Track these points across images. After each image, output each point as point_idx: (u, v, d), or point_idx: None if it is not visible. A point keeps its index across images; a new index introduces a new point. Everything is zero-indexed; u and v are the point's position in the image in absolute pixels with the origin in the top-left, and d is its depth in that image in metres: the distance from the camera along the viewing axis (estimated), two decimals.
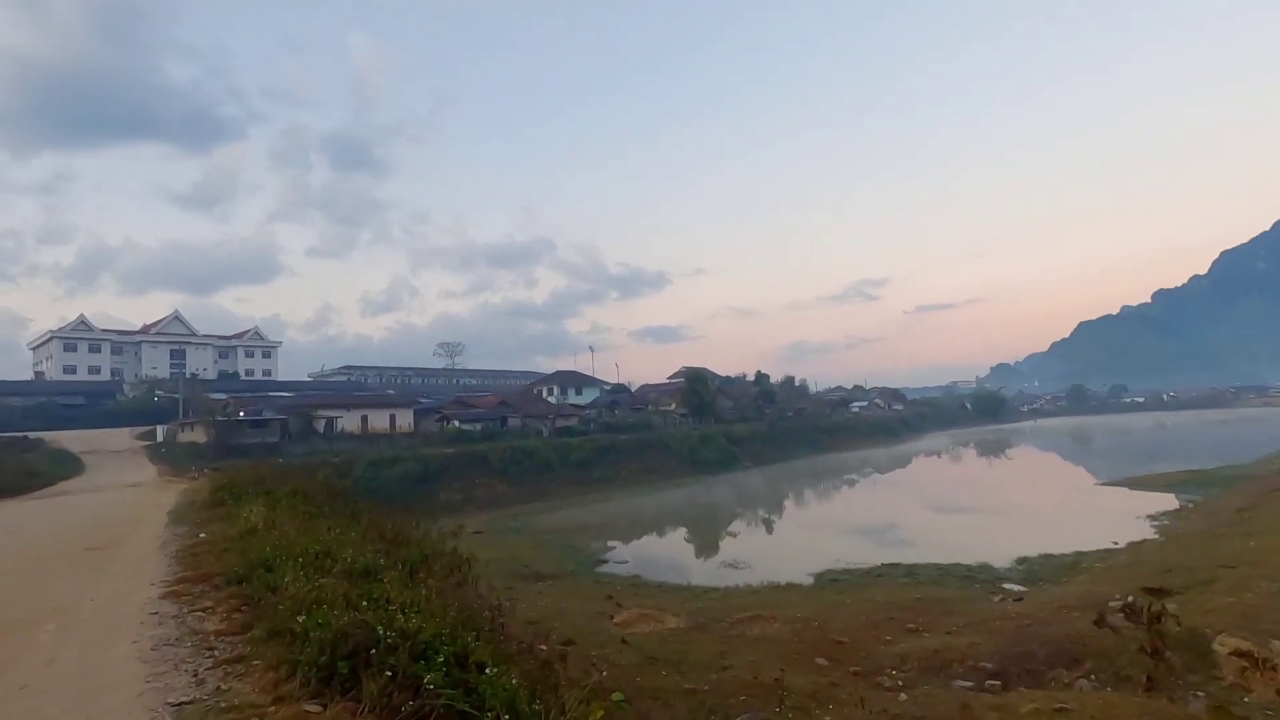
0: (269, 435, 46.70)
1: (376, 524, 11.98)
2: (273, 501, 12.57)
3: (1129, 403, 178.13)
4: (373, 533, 10.39)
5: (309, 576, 5.79)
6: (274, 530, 9.16)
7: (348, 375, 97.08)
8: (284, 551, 7.08)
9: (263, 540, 8.09)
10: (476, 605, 6.33)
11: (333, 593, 5.01)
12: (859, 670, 13.46)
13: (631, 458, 57.47)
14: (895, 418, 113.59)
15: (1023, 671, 11.77)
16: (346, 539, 8.40)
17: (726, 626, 17.35)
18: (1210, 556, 16.76)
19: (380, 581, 5.76)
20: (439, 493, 43.49)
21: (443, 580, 7.56)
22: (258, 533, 9.06)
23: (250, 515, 10.41)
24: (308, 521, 10.54)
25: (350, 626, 3.94)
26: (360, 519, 13.23)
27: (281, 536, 8.14)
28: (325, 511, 12.55)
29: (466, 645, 4.14)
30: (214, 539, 9.77)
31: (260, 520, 9.89)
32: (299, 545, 7.37)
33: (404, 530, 10.56)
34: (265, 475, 17.28)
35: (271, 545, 7.56)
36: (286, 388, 71.30)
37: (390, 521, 11.09)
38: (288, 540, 7.84)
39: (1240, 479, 36.80)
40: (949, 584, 20.91)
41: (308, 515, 11.40)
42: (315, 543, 7.57)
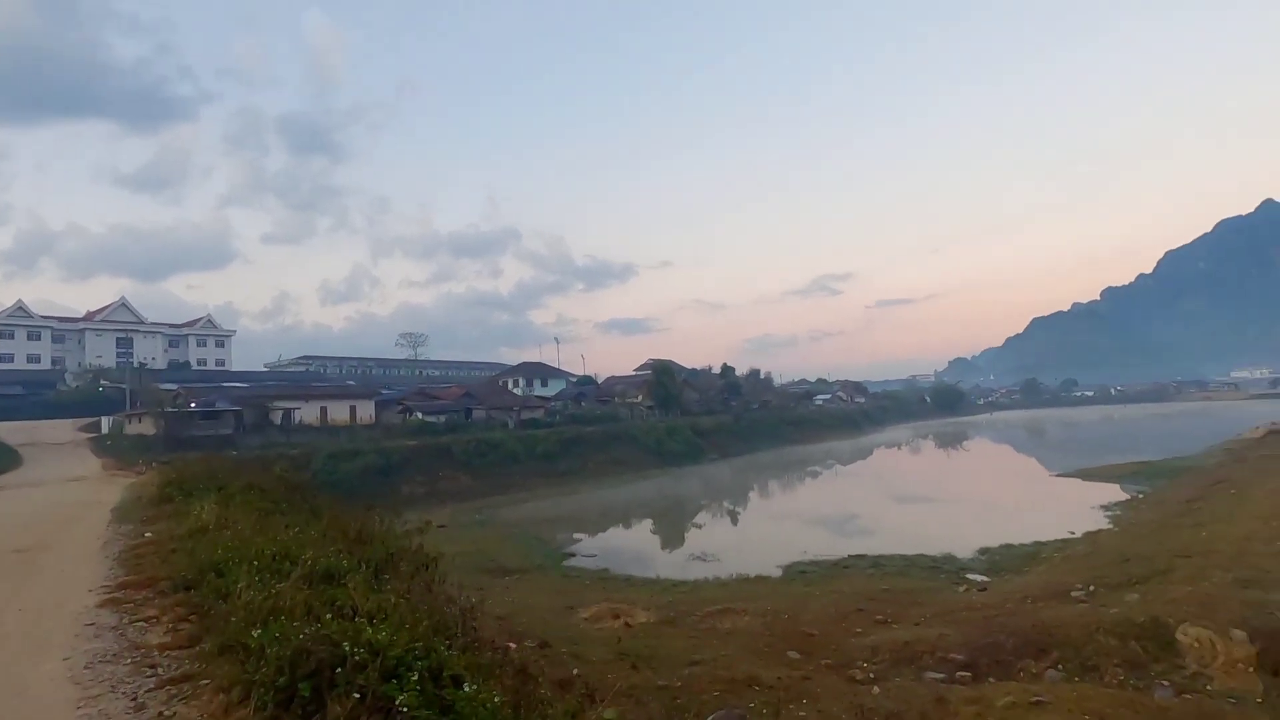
0: (222, 427, 45.03)
1: (338, 521, 11.45)
2: (226, 497, 11.91)
3: (1079, 396, 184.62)
4: (334, 531, 9.86)
5: (265, 582, 5.31)
6: (227, 529, 8.58)
7: (306, 365, 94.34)
8: (237, 553, 6.57)
9: (214, 540, 7.52)
10: (447, 609, 5.95)
11: (292, 601, 4.55)
12: (830, 663, 13.43)
13: (598, 450, 57.15)
14: (858, 410, 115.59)
15: (992, 662, 11.85)
16: (306, 538, 7.90)
17: (697, 620, 17.21)
18: (1165, 546, 17.20)
19: (344, 586, 5.34)
20: (401, 486, 42.57)
21: (410, 581, 7.14)
22: (209, 532, 8.48)
23: (201, 512, 9.79)
24: (263, 519, 9.97)
25: (312, 642, 3.51)
26: (320, 515, 12.65)
27: (235, 536, 7.57)
28: (283, 508, 11.95)
29: (441, 658, 3.79)
30: (161, 539, 9.10)
31: (212, 518, 9.29)
32: (254, 546, 6.86)
33: (367, 527, 10.06)
34: (218, 469, 16.44)
35: (224, 546, 7.01)
36: (241, 378, 68.91)
37: (353, 518, 10.57)
38: (242, 540, 7.31)
39: (1185, 470, 38.13)
40: (915, 575, 21.14)
41: (263, 512, 10.81)
42: (272, 543, 7.06)
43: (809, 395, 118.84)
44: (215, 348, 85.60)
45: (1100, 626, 11.33)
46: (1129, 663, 10.51)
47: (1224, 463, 35.26)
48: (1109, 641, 10.97)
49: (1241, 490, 23.93)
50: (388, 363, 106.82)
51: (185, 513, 10.83)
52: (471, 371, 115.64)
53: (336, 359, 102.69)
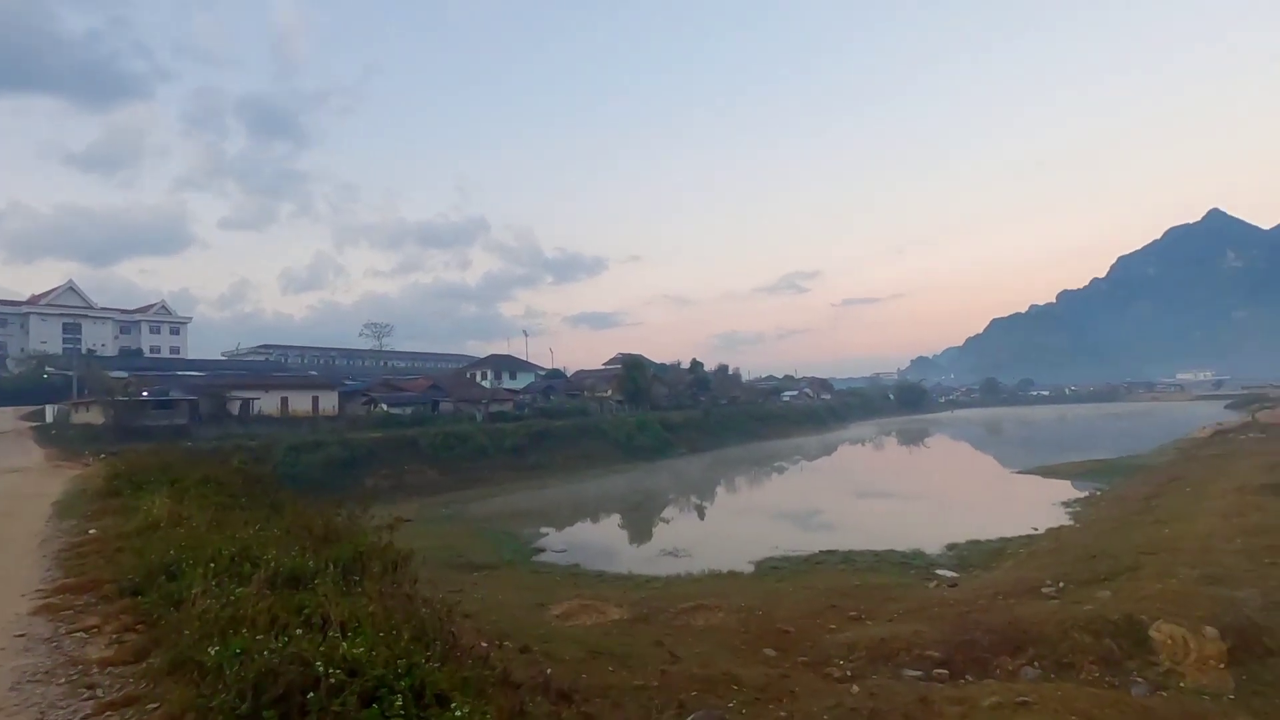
0: (176, 417, 43.32)
1: (302, 517, 10.88)
2: (179, 491, 11.21)
3: (1035, 395, 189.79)
4: (298, 528, 9.32)
5: (223, 586, 4.82)
6: (180, 525, 7.99)
7: (266, 355, 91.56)
8: (192, 553, 6.03)
9: (166, 538, 6.93)
10: (425, 613, 5.54)
11: (254, 609, 4.07)
12: (807, 660, 13.31)
13: (568, 444, 56.69)
14: (824, 407, 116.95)
15: (968, 659, 11.83)
16: (268, 536, 7.37)
17: (670, 617, 16.98)
18: (1129, 543, 17.51)
19: (312, 590, 4.88)
20: (366, 479, 41.58)
21: (382, 582, 6.69)
22: (160, 528, 7.87)
23: (151, 507, 9.13)
24: (221, 515, 9.36)
25: (280, 660, 3.07)
26: (283, 511, 12.05)
27: (189, 533, 6.99)
28: (242, 503, 11.30)
29: (424, 675, 3.40)
30: (106, 536, 8.40)
31: (163, 513, 8.66)
32: (210, 545, 6.32)
33: (334, 524, 9.52)
34: (171, 460, 15.57)
35: (176, 544, 6.44)
36: (197, 367, 66.47)
37: (318, 514, 10.02)
38: (197, 538, 6.76)
39: (1140, 468, 39.25)
40: (886, 570, 21.24)
41: (221, 507, 10.18)
42: (230, 541, 6.53)
43: (776, 391, 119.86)
44: (170, 335, 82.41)
45: (1074, 623, 11.37)
46: (1104, 660, 10.55)
47: (1176, 461, 36.40)
48: (1083, 638, 11.01)
49: (1197, 488, 24.62)
50: (352, 353, 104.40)
51: (134, 507, 10.14)
52: (438, 363, 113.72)
53: (298, 348, 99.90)
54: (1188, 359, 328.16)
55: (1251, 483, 21.94)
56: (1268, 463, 26.44)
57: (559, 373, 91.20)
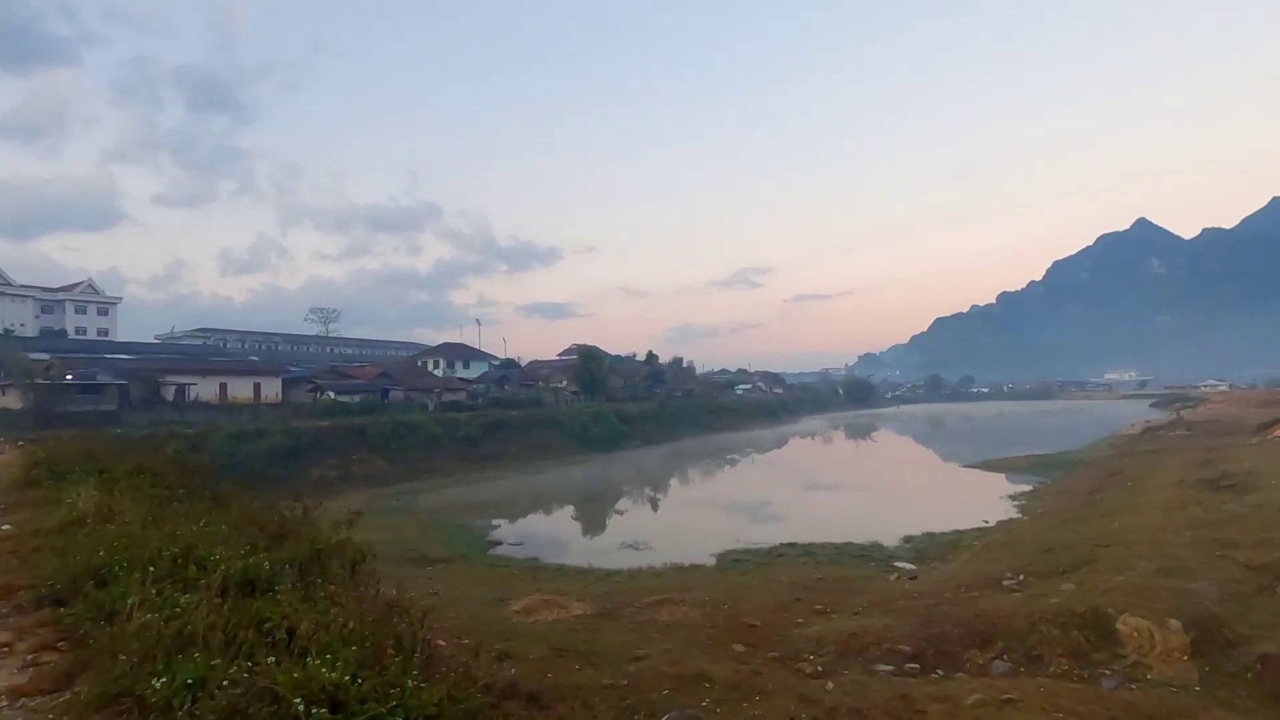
0: (104, 402, 40.69)
1: (250, 511, 10.07)
2: (108, 482, 10.22)
3: (976, 392, 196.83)
4: (247, 523, 8.56)
5: (166, 594, 4.15)
6: (110, 521, 7.14)
7: (203, 338, 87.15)
8: (126, 553, 5.29)
9: (94, 536, 6.10)
10: (398, 622, 4.99)
11: (205, 623, 3.41)
12: (777, 655, 13.12)
13: (522, 435, 55.80)
14: (776, 401, 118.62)
15: (938, 653, 11.82)
16: (214, 533, 6.65)
17: (635, 611, 16.63)
18: (1082, 536, 17.96)
19: (272, 597, 4.27)
20: (311, 469, 40.00)
21: (345, 585, 6.09)
22: (86, 524, 7.01)
23: (77, 500, 8.21)
24: (157, 509, 8.50)
25: (246, 695, 2.48)
26: (227, 505, 11.17)
27: (121, 531, 6.17)
28: (180, 495, 10.39)
29: (413, 701, 2.90)
30: (22, 533, 7.44)
31: (90, 506, 7.76)
32: (148, 544, 5.59)
33: (287, 519, 8.78)
34: (98, 448, 14.31)
35: (107, 543, 5.66)
36: (127, 349, 62.60)
37: (268, 508, 9.25)
38: (131, 536, 5.98)
39: (1077, 463, 40.84)
40: (846, 563, 21.37)
41: (157, 500, 9.29)
42: (171, 540, 5.79)
43: (730, 385, 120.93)
44: (97, 316, 77.42)
45: (1042, 616, 11.45)
46: (1072, 653, 10.63)
47: (1112, 456, 37.96)
48: (1051, 631, 11.09)
49: (1136, 483, 25.60)
50: (296, 338, 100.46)
51: (56, 500, 9.15)
52: (387, 351, 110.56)
53: (238, 332, 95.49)
54: (1114, 360, 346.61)
55: (1188, 477, 22.89)
56: (1199, 459, 27.73)
57: (513, 362, 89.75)
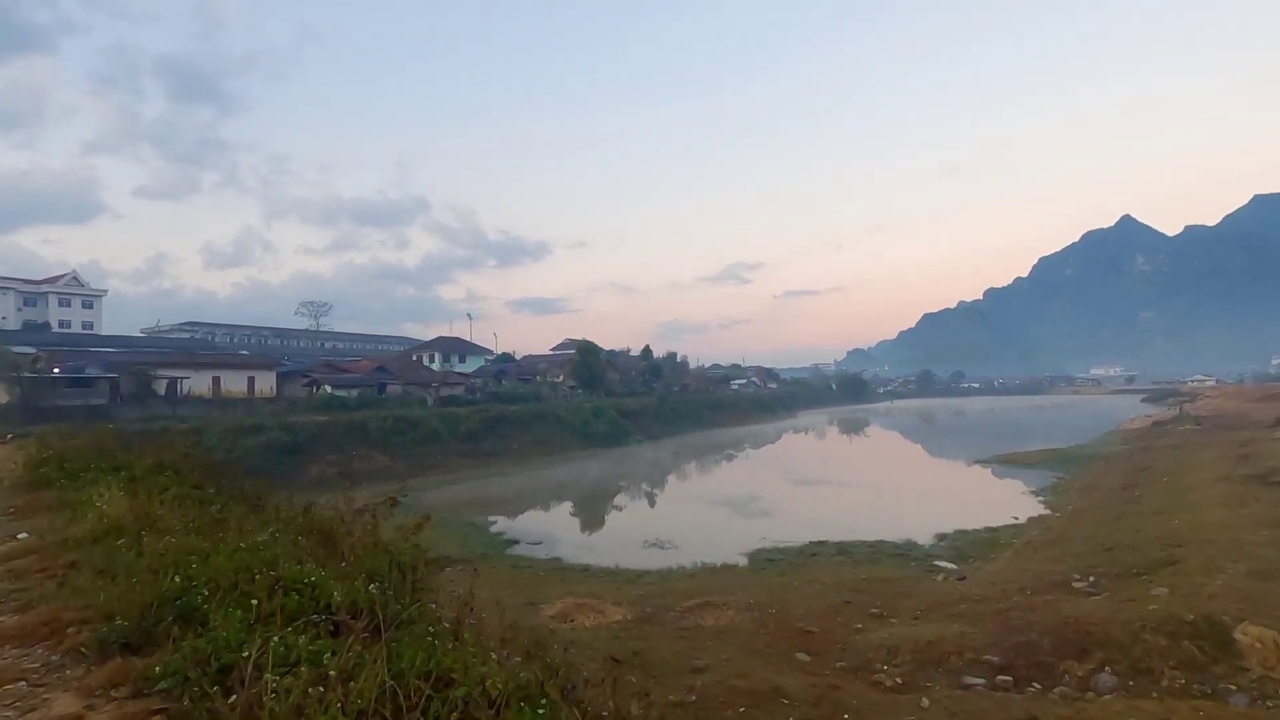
0: (94, 396, 39.20)
1: (290, 512, 9.04)
2: (129, 481, 9.15)
3: (967, 387, 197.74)
4: (290, 526, 7.55)
5: (290, 641, 3.12)
6: (152, 529, 6.13)
7: (191, 332, 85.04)
8: (199, 573, 4.32)
9: (147, 552, 5.10)
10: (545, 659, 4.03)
11: (373, 687, 2.42)
12: (846, 665, 12.27)
13: (523, 430, 54.76)
14: (772, 396, 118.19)
15: (1030, 665, 11.00)
16: (276, 544, 5.64)
17: (678, 616, 15.73)
18: (1141, 534, 17.24)
19: (426, 641, 3.28)
20: (310, 465, 38.74)
21: (453, 608, 5.14)
22: (126, 533, 6.00)
23: (107, 502, 7.17)
24: (194, 513, 7.47)
25: None
26: (259, 504, 10.13)
27: (183, 544, 5.17)
28: (210, 496, 9.33)
29: None
30: (47, 544, 6.36)
31: (122, 510, 6.74)
32: (218, 561, 4.61)
33: (333, 521, 7.77)
34: (107, 443, 13.18)
35: (169, 561, 4.68)
36: (114, 343, 60.77)
37: (320, 511, 8.23)
38: (191, 550, 4.99)
39: (1092, 458, 40.34)
40: (884, 562, 20.58)
41: (191, 502, 8.24)
42: (230, 553, 4.80)
43: (726, 380, 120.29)
44: (82, 309, 75.21)
45: (1145, 624, 10.64)
46: (1185, 665, 9.83)
47: (1131, 451, 37.48)
48: (1158, 641, 10.29)
49: (1173, 478, 24.99)
50: (286, 332, 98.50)
51: (76, 503, 8.08)
52: (379, 345, 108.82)
53: (226, 326, 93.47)
54: (1099, 355, 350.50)
55: (1231, 473, 22.32)
56: (1231, 454, 27.22)
57: (509, 357, 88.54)
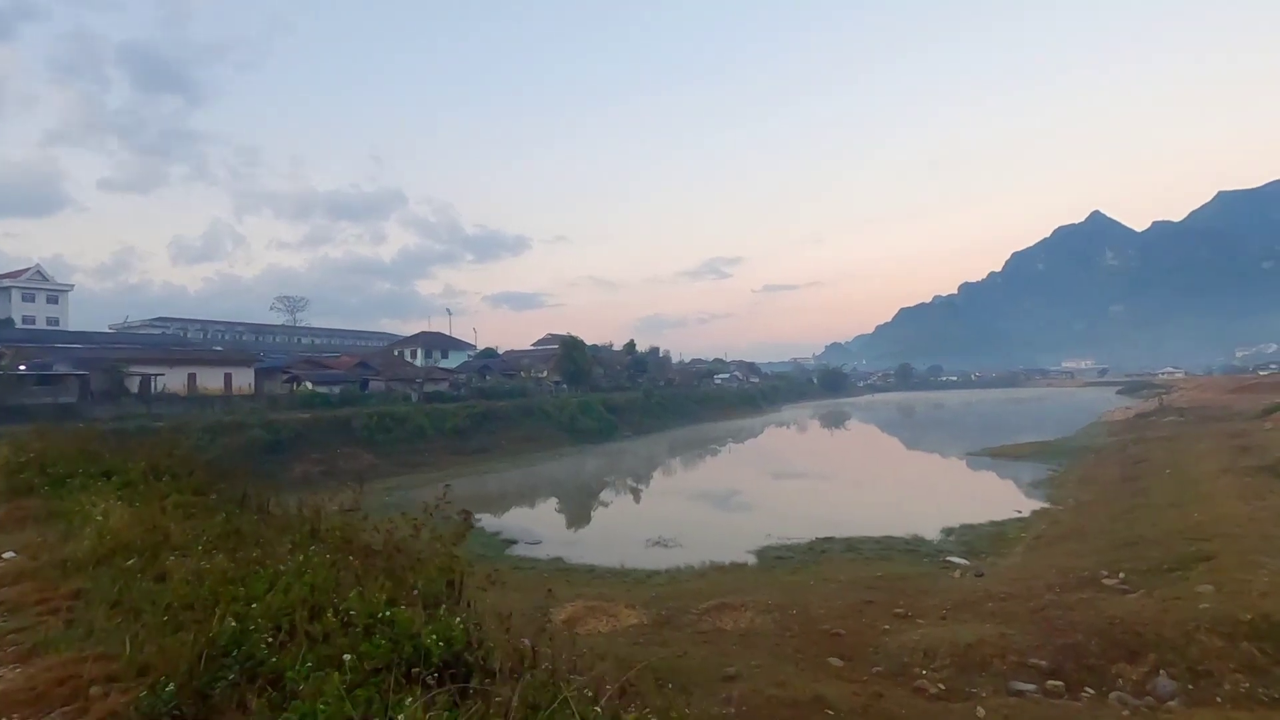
0: (63, 394, 37.55)
1: (300, 520, 8.30)
2: (125, 486, 8.30)
3: (945, 381, 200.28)
4: (314, 538, 6.81)
5: (381, 707, 2.39)
6: (165, 547, 5.35)
7: (162, 328, 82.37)
8: (238, 606, 3.59)
9: (173, 576, 4.32)
10: None
11: None
12: (882, 670, 11.76)
13: (511, 426, 53.89)
14: (755, 390, 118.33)
15: (1080, 668, 10.58)
16: (321, 567, 4.91)
17: (695, 619, 15.15)
18: (1160, 528, 17.03)
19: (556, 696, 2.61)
20: (293, 464, 37.51)
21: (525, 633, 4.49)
22: (136, 550, 5.21)
23: (106, 514, 6.34)
24: (204, 523, 6.67)
25: None
26: (269, 511, 9.34)
27: (208, 566, 4.40)
28: (213, 501, 8.50)
29: None
30: (41, 566, 5.51)
31: (128, 524, 5.94)
32: (252, 585, 3.89)
33: (356, 530, 7.05)
34: (92, 445, 12.18)
35: (201, 589, 3.92)
36: (81, 339, 58.56)
37: (335, 518, 7.48)
38: (219, 574, 4.24)
39: (1081, 450, 40.54)
40: (896, 558, 20.23)
41: (198, 511, 7.42)
42: (281, 578, 4.08)
43: (710, 374, 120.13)
44: (47, 304, 72.30)
45: (1199, 624, 10.26)
46: (1247, 668, 9.48)
47: (1123, 443, 37.70)
48: (1214, 642, 9.93)
49: (1176, 470, 25.01)
50: (261, 328, 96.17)
51: (65, 514, 7.23)
52: (357, 341, 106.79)
53: (199, 322, 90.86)
54: (1071, 348, 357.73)
55: (1235, 465, 22.33)
56: (1228, 444, 27.35)
57: (493, 352, 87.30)
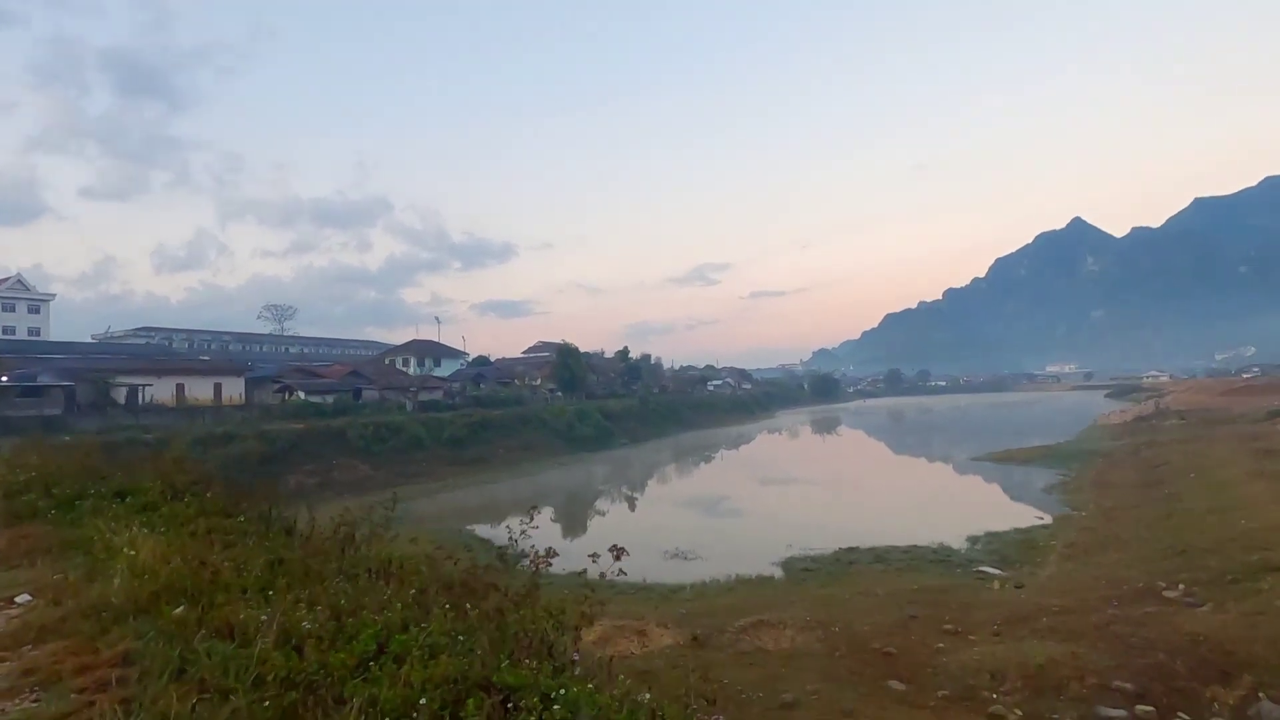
0: (48, 406, 36.15)
1: (339, 541, 7.47)
2: (144, 509, 7.42)
3: (934, 386, 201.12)
4: (401, 576, 6.02)
5: None
6: (216, 587, 4.54)
7: (147, 337, 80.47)
8: (344, 679, 2.80)
9: (254, 631, 3.49)
10: None
11: None
12: (949, 694, 11.05)
13: (508, 434, 52.90)
14: (748, 396, 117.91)
15: (1169, 691, 9.93)
16: (417, 612, 4.11)
17: (733, 638, 14.34)
18: (1209, 535, 16.53)
19: None
20: (288, 476, 36.27)
21: None
22: (183, 593, 4.39)
23: (133, 545, 5.48)
24: (247, 554, 5.84)
25: None
26: (291, 532, 8.49)
27: (286, 619, 3.58)
28: (245, 524, 7.64)
29: None
30: (64, 612, 4.58)
31: (162, 556, 5.10)
32: (356, 646, 3.11)
33: (435, 562, 6.27)
34: (96, 461, 11.19)
35: (293, 655, 3.11)
36: (65, 349, 56.87)
37: (346, 537, 6.69)
38: (305, 631, 3.44)
39: (1087, 453, 40.24)
40: (926, 569, 19.62)
41: (233, 535, 6.58)
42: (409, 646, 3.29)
43: (703, 381, 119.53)
44: (29, 314, 70.21)
45: None
46: None
47: (1136, 446, 37.44)
48: None
49: (1200, 474, 24.64)
50: (248, 337, 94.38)
51: (85, 543, 6.35)
52: (346, 350, 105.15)
53: (185, 331, 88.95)
54: (1053, 352, 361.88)
55: (1265, 468, 21.98)
56: (1248, 447, 27.09)
57: (486, 360, 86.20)
